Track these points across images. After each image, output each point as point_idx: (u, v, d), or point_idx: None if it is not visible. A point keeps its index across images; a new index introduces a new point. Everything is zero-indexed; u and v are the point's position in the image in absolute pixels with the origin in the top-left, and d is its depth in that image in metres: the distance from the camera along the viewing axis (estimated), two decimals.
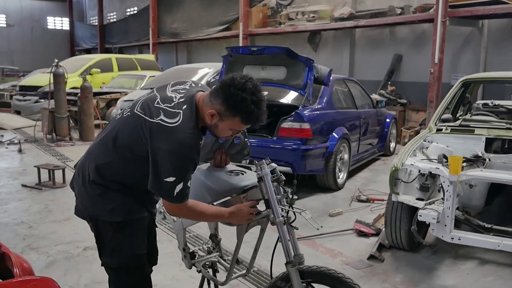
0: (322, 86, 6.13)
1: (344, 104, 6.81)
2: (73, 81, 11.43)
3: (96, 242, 2.25)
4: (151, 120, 2.02)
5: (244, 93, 1.97)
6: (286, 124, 5.59)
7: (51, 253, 3.94)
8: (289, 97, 6.55)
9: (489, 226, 3.67)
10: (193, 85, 2.22)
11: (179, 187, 1.98)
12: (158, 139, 1.98)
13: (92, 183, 2.15)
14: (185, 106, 2.05)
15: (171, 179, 1.96)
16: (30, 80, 13.87)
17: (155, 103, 2.08)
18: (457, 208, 3.70)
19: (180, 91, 2.15)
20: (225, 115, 2.02)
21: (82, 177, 2.20)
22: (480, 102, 5.92)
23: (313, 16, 12.86)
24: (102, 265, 2.27)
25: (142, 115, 2.06)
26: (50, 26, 30.40)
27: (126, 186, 2.15)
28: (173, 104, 2.06)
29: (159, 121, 2.01)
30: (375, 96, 9.23)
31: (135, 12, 23.83)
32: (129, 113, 2.15)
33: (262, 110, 2.03)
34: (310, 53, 13.13)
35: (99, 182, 2.14)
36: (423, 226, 3.93)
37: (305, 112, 5.66)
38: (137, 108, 2.12)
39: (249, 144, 2.53)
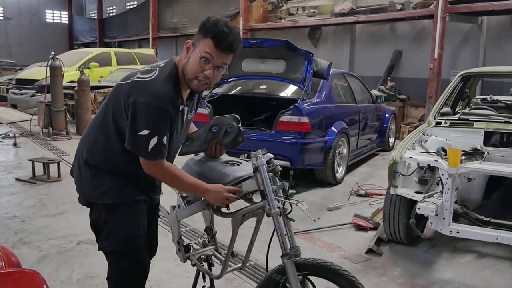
0: (322, 80, 6.08)
1: (343, 98, 6.77)
2: (71, 74, 11.35)
3: (92, 227, 2.27)
4: (128, 81, 2.08)
5: (219, 19, 2.04)
6: (284, 118, 5.55)
7: (43, 248, 3.89)
8: (288, 91, 6.51)
9: (487, 219, 3.64)
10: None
11: (153, 141, 1.98)
12: (134, 94, 2.01)
13: (85, 164, 2.18)
14: (162, 64, 2.13)
15: (144, 132, 1.98)
16: (27, 73, 13.76)
17: (134, 72, 2.15)
18: (456, 202, 3.67)
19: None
20: (199, 39, 2.04)
21: (78, 161, 2.25)
22: (479, 97, 5.89)
23: (314, 11, 12.80)
24: (98, 249, 2.28)
25: (121, 82, 2.13)
26: (49, 19, 30.25)
27: (116, 167, 2.15)
28: (151, 66, 2.15)
29: (135, 79, 2.07)
30: (374, 92, 9.18)
31: (135, 6, 23.76)
32: (113, 89, 2.21)
33: (234, 35, 2.03)
34: (310, 48, 13.06)
35: (91, 163, 2.17)
36: (421, 220, 3.90)
37: (304, 105, 5.61)
38: (118, 82, 2.19)
39: (242, 130, 2.47)
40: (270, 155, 2.21)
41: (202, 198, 2.29)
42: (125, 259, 2.21)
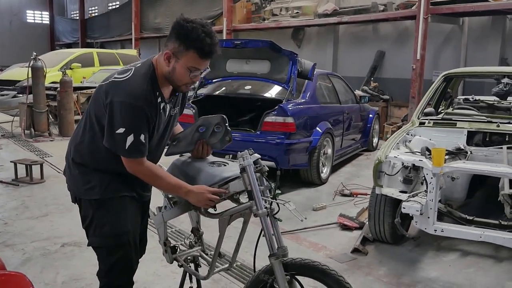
0: (306, 81, 6.10)
1: (327, 99, 6.81)
2: (53, 75, 11.21)
3: (82, 223, 2.28)
4: (107, 82, 2.13)
5: (194, 24, 2.02)
6: (269, 118, 5.55)
7: (27, 250, 3.83)
8: (273, 91, 6.51)
9: (471, 218, 3.70)
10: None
11: (130, 139, 2.01)
12: (111, 94, 2.04)
13: (73, 162, 2.24)
14: (138, 64, 2.16)
15: (121, 130, 2.01)
16: (8, 74, 13.56)
17: (114, 72, 2.19)
18: (440, 201, 3.72)
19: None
20: (180, 51, 2.04)
21: (67, 159, 2.30)
22: (461, 97, 5.97)
23: (297, 12, 12.84)
24: (88, 245, 2.29)
25: (102, 83, 2.16)
26: (30, 19, 29.76)
27: (102, 164, 2.18)
28: (128, 66, 2.18)
29: (113, 79, 2.10)
30: (358, 92, 9.26)
31: (117, 6, 23.52)
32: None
33: (214, 41, 2.05)
34: (294, 49, 12.98)
35: (78, 161, 2.22)
36: (406, 219, 3.93)
37: (288, 106, 5.63)
38: (100, 83, 2.22)
39: (230, 130, 2.47)
40: (257, 155, 2.21)
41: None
42: (112, 254, 2.22)
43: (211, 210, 2.33)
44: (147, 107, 2.04)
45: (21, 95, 11.13)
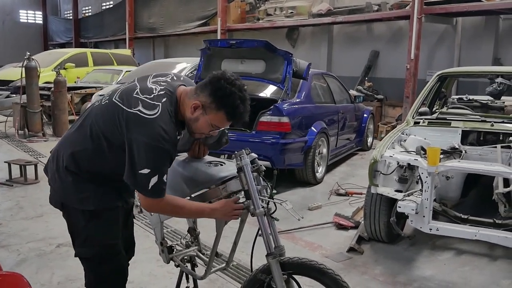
0: (301, 80, 6.11)
1: (322, 98, 6.82)
2: (46, 75, 11.14)
3: (68, 231, 2.22)
4: (128, 110, 1.98)
5: (233, 88, 1.99)
6: (265, 118, 5.56)
7: (22, 251, 3.81)
8: (268, 91, 6.52)
9: (466, 217, 3.72)
10: (175, 78, 2.18)
11: (153, 180, 1.94)
12: (135, 130, 1.94)
13: (66, 169, 2.11)
14: (164, 99, 2.01)
15: (145, 171, 1.92)
16: (1, 74, 13.43)
17: (134, 93, 2.04)
18: (434, 200, 3.73)
19: (161, 83, 2.11)
20: (210, 107, 2.00)
21: (56, 163, 2.16)
22: (455, 97, 6.01)
23: (291, 12, 12.85)
24: (75, 256, 2.23)
25: (120, 104, 2.02)
26: (23, 19, 29.55)
27: (100, 175, 2.12)
28: (152, 96, 2.02)
29: (137, 111, 1.96)
30: (352, 92, 9.28)
31: (111, 6, 23.42)
32: (107, 101, 2.10)
33: (246, 108, 2.05)
34: (288, 49, 12.98)
35: (73, 170, 2.10)
36: (401, 218, 3.94)
37: (284, 106, 5.63)
38: (115, 97, 2.07)
39: (227, 132, 2.47)
40: (254, 155, 2.22)
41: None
42: (105, 264, 2.19)
43: None
44: (173, 149, 2.01)
45: (14, 95, 11.02)
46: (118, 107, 2.02)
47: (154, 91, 2.04)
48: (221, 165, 2.40)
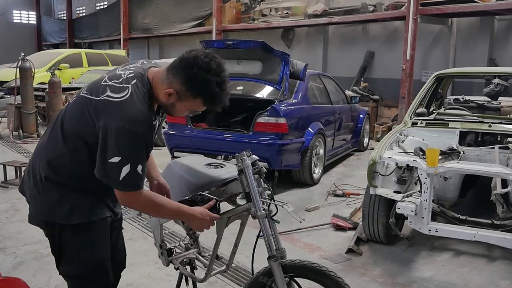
0: (298, 81, 6.10)
1: (319, 99, 6.81)
2: (41, 76, 11.08)
3: (52, 250, 2.03)
4: (96, 98, 1.85)
5: (209, 75, 1.82)
6: (262, 119, 5.54)
7: (18, 254, 3.77)
8: (265, 92, 6.50)
9: (464, 217, 3.73)
10: (145, 62, 2.03)
11: (125, 169, 1.76)
12: (105, 116, 1.79)
13: (46, 181, 1.92)
14: (134, 81, 1.87)
15: (116, 159, 1.76)
16: None
17: (102, 81, 1.91)
18: (433, 201, 3.73)
19: (130, 68, 1.97)
20: (185, 95, 1.86)
21: (33, 177, 1.97)
22: (451, 97, 6.01)
23: (287, 13, 12.84)
24: (60, 274, 2.05)
25: (88, 96, 1.88)
26: (16, 20, 29.37)
27: (82, 181, 1.93)
28: (121, 79, 1.88)
29: (105, 97, 1.83)
30: (348, 92, 9.28)
31: (106, 6, 23.33)
32: (75, 98, 1.97)
33: (225, 92, 1.90)
34: (283, 49, 13.07)
35: (53, 180, 1.92)
36: (400, 219, 3.95)
37: (281, 106, 5.62)
38: (83, 91, 1.94)
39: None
40: (254, 157, 2.20)
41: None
42: (92, 282, 2.01)
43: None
44: (148, 134, 1.84)
45: (8, 96, 10.95)
46: (86, 99, 1.88)
47: (123, 76, 1.91)
48: (222, 167, 2.38)
